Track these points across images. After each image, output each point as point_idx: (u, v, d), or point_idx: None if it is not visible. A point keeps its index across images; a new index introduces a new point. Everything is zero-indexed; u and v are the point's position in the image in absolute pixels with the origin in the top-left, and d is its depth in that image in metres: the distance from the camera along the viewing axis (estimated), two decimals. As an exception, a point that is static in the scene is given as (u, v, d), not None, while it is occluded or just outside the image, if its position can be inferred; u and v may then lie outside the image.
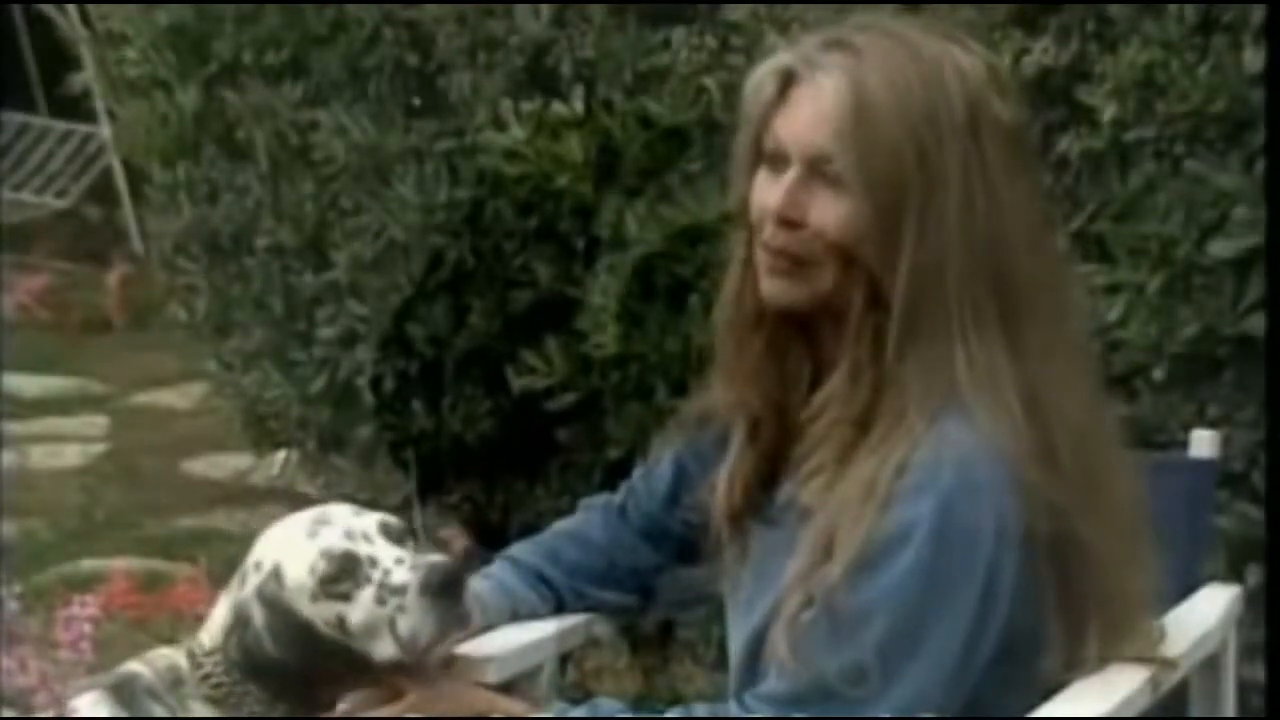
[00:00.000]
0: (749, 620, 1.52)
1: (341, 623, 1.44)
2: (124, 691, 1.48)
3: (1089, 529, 1.45)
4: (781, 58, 1.48)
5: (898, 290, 1.43)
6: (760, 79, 1.49)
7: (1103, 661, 1.48)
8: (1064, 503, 1.44)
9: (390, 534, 1.47)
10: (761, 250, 1.48)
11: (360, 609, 1.43)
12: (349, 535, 1.46)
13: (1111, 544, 1.47)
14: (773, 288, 1.48)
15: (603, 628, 1.72)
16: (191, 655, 1.48)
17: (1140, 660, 1.51)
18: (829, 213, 1.44)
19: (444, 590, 1.43)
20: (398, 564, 1.44)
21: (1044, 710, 1.45)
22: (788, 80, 1.47)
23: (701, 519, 1.59)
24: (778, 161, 1.47)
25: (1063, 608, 1.46)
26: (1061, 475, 1.44)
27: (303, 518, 1.49)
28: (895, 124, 1.42)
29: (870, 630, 1.40)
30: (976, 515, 1.41)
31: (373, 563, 1.44)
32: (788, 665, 1.42)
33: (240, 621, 1.46)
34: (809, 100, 1.45)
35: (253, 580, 1.47)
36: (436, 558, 1.47)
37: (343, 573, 1.44)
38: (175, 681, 1.47)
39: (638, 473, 1.71)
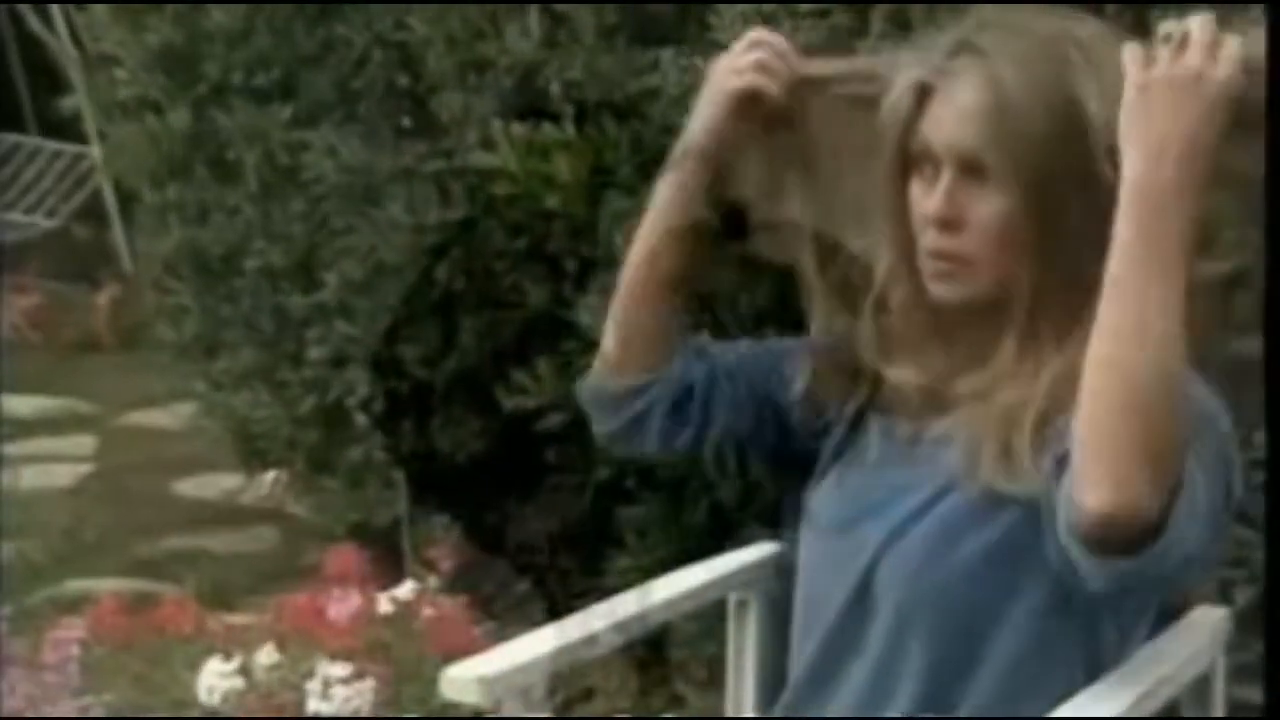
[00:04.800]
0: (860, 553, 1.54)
1: None
2: None
3: None
4: (912, 73, 1.52)
5: (1059, 274, 1.47)
6: (896, 97, 1.53)
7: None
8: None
9: None
10: (929, 257, 1.52)
11: None
12: None
13: None
14: (941, 289, 1.53)
15: (605, 640, 1.72)
16: None
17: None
18: (986, 210, 1.49)
19: None
20: None
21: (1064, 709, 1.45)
22: (924, 92, 1.51)
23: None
24: (927, 169, 1.52)
25: None
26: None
27: None
28: (1037, 116, 1.47)
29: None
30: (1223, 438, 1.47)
31: None
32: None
33: None
34: (949, 109, 1.50)
35: None
36: None
37: None
38: None
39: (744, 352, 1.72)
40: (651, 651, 2.78)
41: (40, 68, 6.41)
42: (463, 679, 1.59)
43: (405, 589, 2.65)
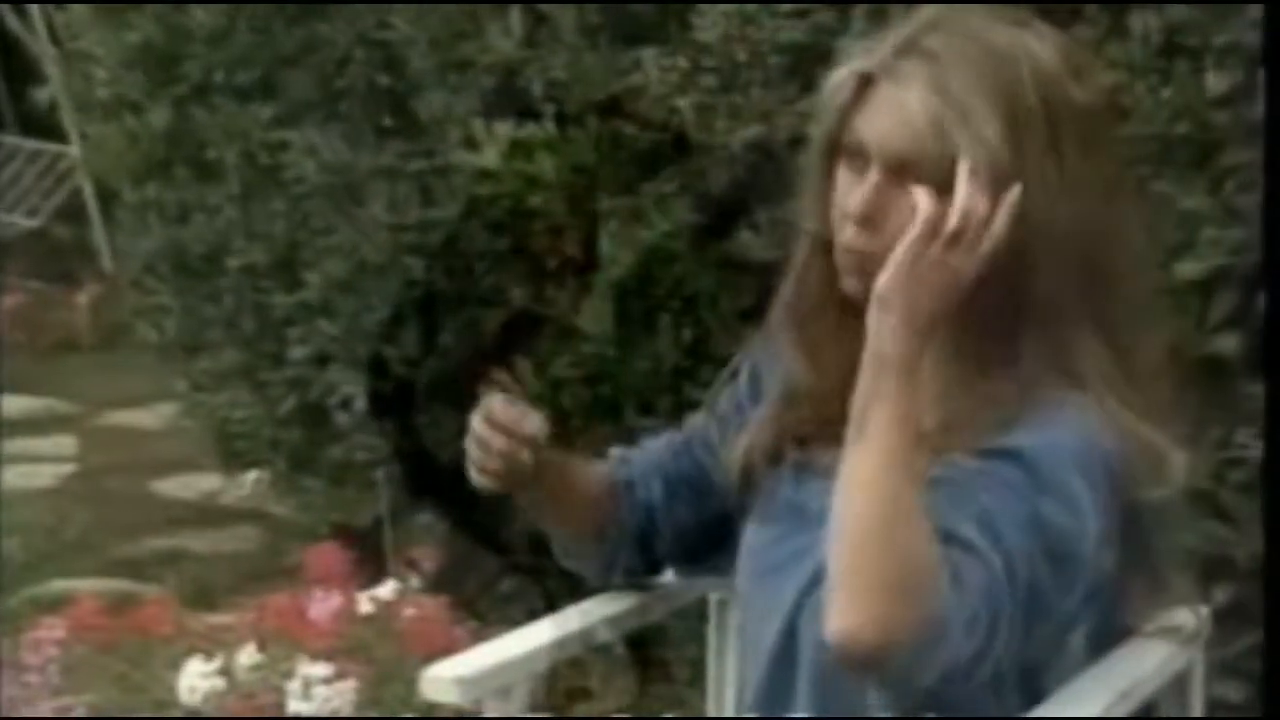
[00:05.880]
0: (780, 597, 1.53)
1: None
2: None
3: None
4: (858, 63, 1.48)
5: (980, 285, 1.43)
6: (838, 82, 1.49)
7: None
8: (1153, 508, 1.47)
9: None
10: (844, 251, 1.49)
11: None
12: None
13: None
14: (855, 285, 1.49)
15: (586, 639, 1.72)
16: None
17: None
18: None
19: None
20: None
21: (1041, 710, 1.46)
22: (865, 83, 1.48)
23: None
24: (857, 162, 1.48)
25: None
26: (1157, 479, 1.46)
27: None
28: (976, 129, 1.43)
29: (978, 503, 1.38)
30: (1081, 489, 1.41)
31: None
32: None
33: None
34: (889, 107, 1.46)
35: None
36: None
37: None
38: None
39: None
40: (646, 651, 2.78)
41: (18, 66, 6.39)
42: (443, 679, 1.59)
43: (386, 589, 2.65)
